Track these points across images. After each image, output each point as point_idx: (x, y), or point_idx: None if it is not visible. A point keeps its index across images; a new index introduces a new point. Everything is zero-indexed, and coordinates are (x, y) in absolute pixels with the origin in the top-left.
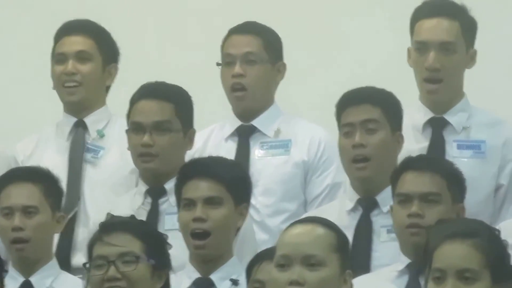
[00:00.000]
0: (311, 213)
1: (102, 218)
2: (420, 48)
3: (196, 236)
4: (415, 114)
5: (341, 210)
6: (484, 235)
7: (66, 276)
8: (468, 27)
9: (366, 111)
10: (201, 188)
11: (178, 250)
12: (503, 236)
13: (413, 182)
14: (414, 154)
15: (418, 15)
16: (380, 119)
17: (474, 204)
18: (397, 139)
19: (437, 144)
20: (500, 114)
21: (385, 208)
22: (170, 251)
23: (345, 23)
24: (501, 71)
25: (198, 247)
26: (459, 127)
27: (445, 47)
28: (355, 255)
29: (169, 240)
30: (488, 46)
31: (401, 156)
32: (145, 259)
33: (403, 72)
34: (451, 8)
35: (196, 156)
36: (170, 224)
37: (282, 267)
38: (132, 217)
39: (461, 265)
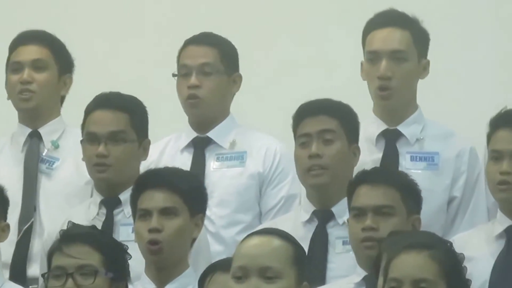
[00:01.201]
0: (267, 224)
1: (56, 229)
2: (372, 58)
3: (151, 245)
4: (368, 126)
5: (296, 222)
6: (440, 247)
7: (10, 285)
8: (419, 37)
9: (323, 121)
10: (156, 198)
11: (133, 261)
12: (456, 249)
13: (366, 196)
14: (367, 166)
15: (369, 27)
16: (337, 130)
17: (427, 215)
18: (354, 151)
19: (390, 156)
20: (454, 127)
21: (341, 220)
22: None
23: (306, 37)
24: (454, 83)
25: (153, 252)
26: (412, 139)
27: (396, 56)
28: (310, 266)
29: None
30: (441, 58)
31: (355, 168)
32: (103, 273)
33: (360, 87)
34: (402, 19)
35: (152, 167)
36: (125, 235)
37: (239, 279)
38: (93, 227)
39: (417, 275)
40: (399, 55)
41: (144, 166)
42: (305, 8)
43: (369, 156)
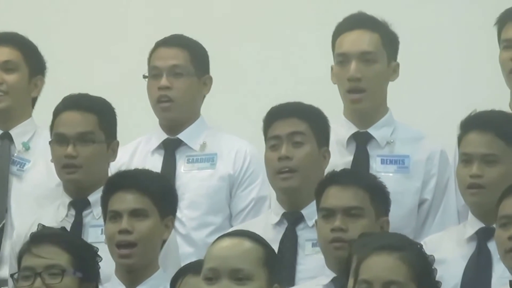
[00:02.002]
0: (238, 227)
1: (26, 230)
2: (341, 60)
3: (122, 247)
4: (339, 129)
5: (266, 224)
6: (410, 249)
7: None
8: (389, 39)
9: (293, 124)
10: (127, 200)
11: (103, 262)
12: (427, 251)
13: (336, 197)
14: (338, 169)
15: (339, 30)
16: (306, 132)
17: (398, 218)
18: (324, 154)
19: (361, 159)
20: (424, 130)
21: (311, 222)
22: None
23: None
24: (424, 86)
25: (123, 256)
26: (383, 141)
27: (366, 57)
28: (280, 268)
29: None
30: (410, 61)
31: (326, 171)
32: (71, 272)
33: (331, 90)
34: (371, 22)
35: (123, 169)
36: (94, 237)
37: (210, 281)
38: (63, 229)
39: (387, 277)
40: (369, 56)
41: (115, 167)
42: (276, 10)
43: (340, 159)
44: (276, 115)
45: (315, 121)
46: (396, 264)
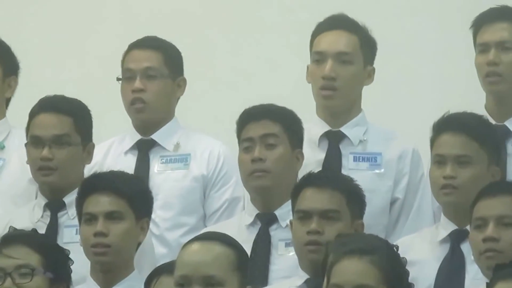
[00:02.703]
0: (212, 228)
1: (0, 230)
2: (318, 59)
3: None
4: (311, 127)
5: (240, 225)
6: (382, 252)
7: None
8: (367, 43)
9: (266, 126)
10: (102, 202)
11: (78, 263)
12: (400, 252)
13: (312, 199)
14: (311, 167)
15: (318, 30)
16: (279, 134)
17: (370, 216)
18: (297, 156)
19: (333, 157)
20: (397, 131)
21: (284, 223)
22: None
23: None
24: (398, 88)
25: (99, 254)
26: (355, 140)
27: (342, 58)
28: (253, 268)
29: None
30: (384, 63)
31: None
32: (41, 272)
33: (306, 91)
34: (351, 24)
35: (96, 169)
36: (69, 237)
37: (182, 287)
38: (34, 230)
39: (358, 281)
40: (345, 57)
41: (88, 168)
42: (249, 12)
43: (312, 156)
44: (249, 117)
45: (288, 123)
46: (367, 268)
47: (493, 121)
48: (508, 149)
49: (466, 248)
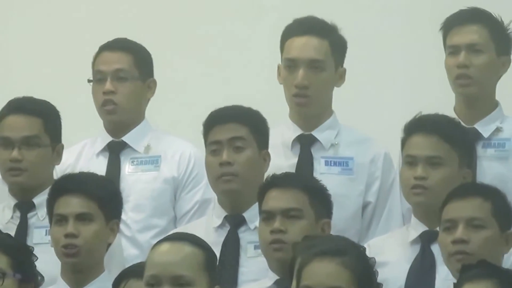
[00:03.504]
0: (180, 229)
1: None
2: (289, 65)
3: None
4: (284, 131)
5: (208, 227)
6: (352, 253)
7: None
8: (337, 46)
9: (233, 129)
10: (72, 204)
11: (49, 264)
12: (371, 253)
13: (275, 199)
14: (283, 171)
15: (288, 33)
16: (247, 137)
17: (342, 220)
18: (264, 157)
19: (305, 161)
20: (368, 132)
21: (253, 225)
22: (40, 266)
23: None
24: (369, 89)
25: (69, 255)
26: (327, 144)
27: (314, 65)
28: (222, 271)
29: (39, 254)
30: (356, 64)
31: (271, 173)
32: (11, 275)
33: (276, 91)
34: (321, 27)
35: (68, 171)
36: (39, 238)
37: (152, 287)
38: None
39: (329, 283)
40: (317, 64)
41: (61, 170)
42: (221, 12)
43: (285, 161)
44: (216, 120)
45: (254, 125)
46: (338, 269)
47: (463, 124)
48: (478, 151)
49: (436, 249)
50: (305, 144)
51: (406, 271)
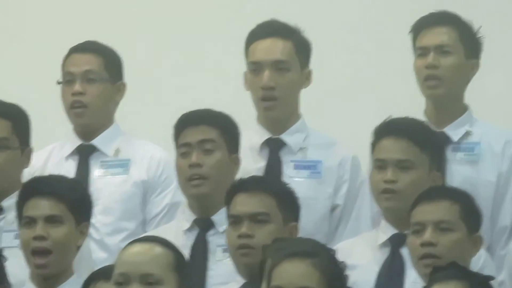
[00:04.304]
0: (149, 233)
1: None
2: (255, 69)
3: (37, 254)
4: (252, 135)
5: (177, 230)
6: (323, 255)
7: None
8: (301, 47)
9: (203, 131)
10: (42, 206)
11: (17, 267)
12: (340, 257)
13: (243, 203)
14: (252, 174)
15: (252, 38)
16: (217, 139)
17: (310, 223)
18: (234, 160)
19: (273, 164)
20: (337, 136)
21: (221, 228)
22: (9, 269)
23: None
24: (337, 93)
25: (39, 266)
26: (295, 147)
27: (279, 66)
28: (191, 274)
29: (8, 258)
30: (324, 67)
31: (239, 177)
32: None
33: (247, 98)
34: (284, 29)
35: (37, 174)
36: (8, 241)
37: (120, 285)
38: None
39: (300, 283)
40: (282, 65)
41: (29, 173)
42: (191, 16)
43: (253, 164)
44: (186, 122)
45: (225, 128)
46: (309, 270)
47: (432, 128)
48: (447, 155)
49: (406, 252)
50: (273, 148)
51: (375, 274)
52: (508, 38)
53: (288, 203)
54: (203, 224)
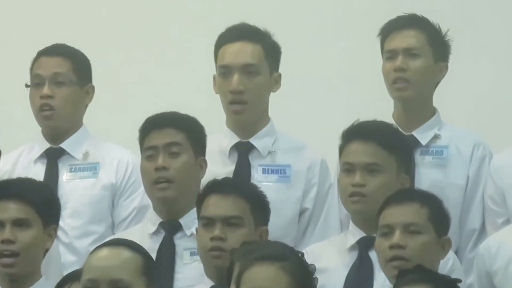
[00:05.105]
0: (115, 236)
1: None
2: (224, 72)
3: (4, 256)
4: (222, 139)
5: (143, 234)
6: (292, 259)
7: None
8: (271, 50)
9: (169, 134)
10: (9, 209)
11: None
12: (309, 260)
13: (216, 206)
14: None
15: (221, 41)
16: (183, 142)
17: (279, 227)
18: (200, 163)
19: (242, 168)
20: (306, 140)
21: (189, 231)
22: None
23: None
24: (306, 96)
25: (6, 266)
26: (264, 151)
27: (248, 70)
28: (158, 277)
29: None
30: (292, 70)
31: (207, 180)
32: None
33: (216, 102)
34: (253, 33)
35: (5, 178)
36: None
37: None
38: None
39: (269, 287)
40: (251, 69)
41: None
42: (160, 21)
43: (222, 168)
44: (152, 125)
45: (191, 131)
46: (278, 274)
47: (401, 131)
48: (416, 158)
49: (374, 255)
50: (242, 152)
51: (344, 277)
52: (477, 41)
53: (261, 207)
54: (170, 227)
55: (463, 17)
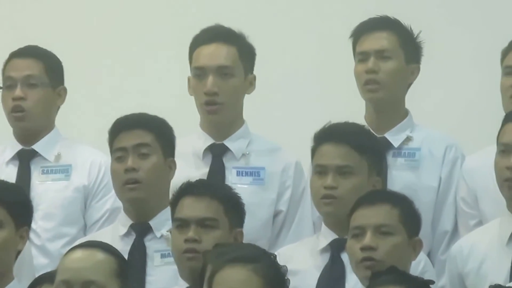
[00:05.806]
0: (86, 237)
1: None
2: (199, 74)
3: None
4: (195, 140)
5: (114, 235)
6: (264, 261)
7: None
8: (245, 52)
9: (138, 135)
10: None
11: None
12: (281, 262)
13: (190, 207)
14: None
15: (195, 43)
16: (152, 144)
17: (253, 229)
18: (169, 164)
19: (216, 171)
20: (279, 141)
21: (159, 233)
22: None
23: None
24: (279, 98)
25: None
26: (238, 153)
27: (223, 71)
28: (130, 279)
29: None
30: (266, 72)
31: (181, 182)
32: None
33: (190, 104)
34: (228, 35)
35: None
36: None
37: None
38: None
39: None
40: (226, 70)
41: None
42: (132, 20)
43: (196, 170)
44: (121, 126)
45: (160, 132)
46: (250, 276)
47: (373, 133)
48: (388, 160)
49: (346, 257)
50: (216, 154)
51: (316, 279)
52: (449, 42)
53: (235, 209)
54: (140, 229)
55: (435, 18)
